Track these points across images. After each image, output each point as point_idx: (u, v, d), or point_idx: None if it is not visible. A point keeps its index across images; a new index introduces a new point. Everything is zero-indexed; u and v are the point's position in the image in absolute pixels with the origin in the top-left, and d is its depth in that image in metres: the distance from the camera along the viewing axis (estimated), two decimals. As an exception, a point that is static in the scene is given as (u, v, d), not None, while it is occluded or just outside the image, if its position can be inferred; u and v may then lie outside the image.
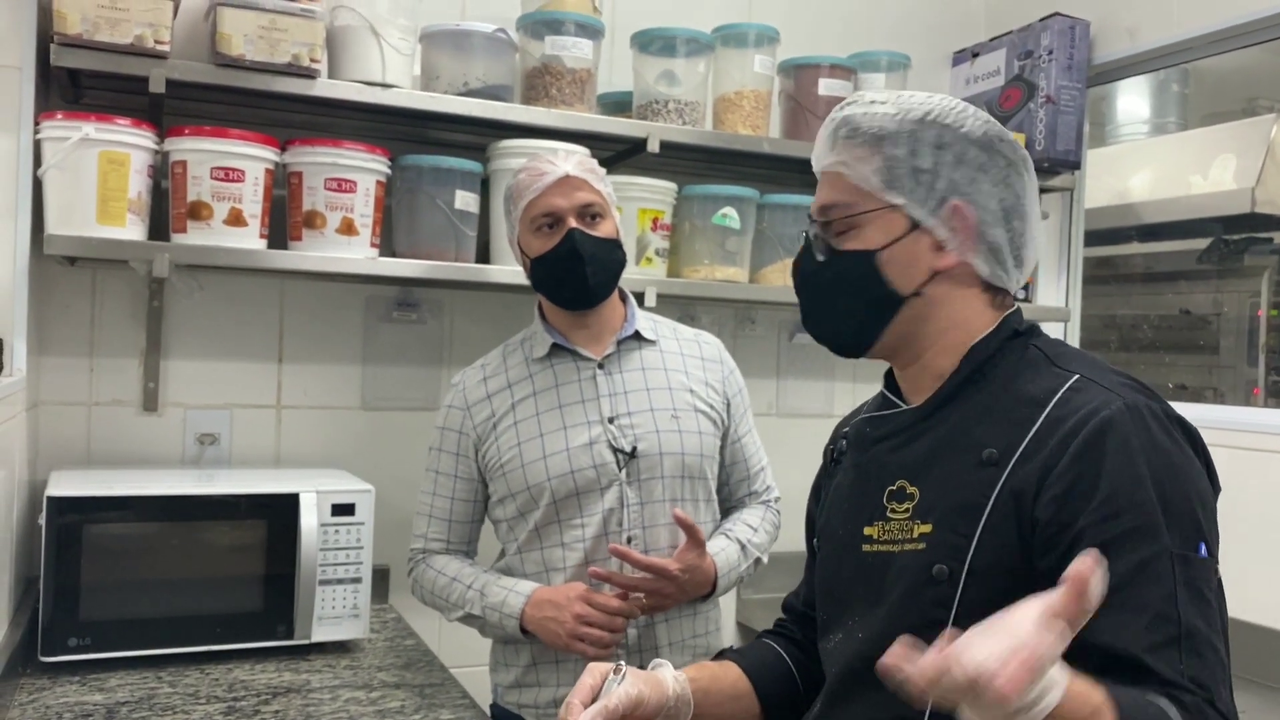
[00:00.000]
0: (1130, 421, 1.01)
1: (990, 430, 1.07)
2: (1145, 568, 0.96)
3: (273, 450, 2.26)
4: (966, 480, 1.06)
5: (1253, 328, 3.39)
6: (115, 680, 1.68)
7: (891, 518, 1.12)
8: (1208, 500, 1.03)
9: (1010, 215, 1.12)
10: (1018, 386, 1.09)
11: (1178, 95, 3.75)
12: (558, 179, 1.68)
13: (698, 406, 1.78)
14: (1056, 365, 1.10)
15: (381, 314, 2.35)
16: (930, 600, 1.05)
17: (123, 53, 1.81)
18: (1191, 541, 0.98)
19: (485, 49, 2.14)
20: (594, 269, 1.68)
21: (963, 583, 1.03)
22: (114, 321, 2.15)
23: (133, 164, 1.86)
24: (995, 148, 1.12)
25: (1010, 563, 1.02)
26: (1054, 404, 1.05)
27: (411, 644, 1.98)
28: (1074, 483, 1.00)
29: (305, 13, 1.90)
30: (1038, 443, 1.03)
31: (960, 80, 2.82)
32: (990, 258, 1.12)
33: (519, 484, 1.72)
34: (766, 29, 2.35)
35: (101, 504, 1.76)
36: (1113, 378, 1.07)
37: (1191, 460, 1.03)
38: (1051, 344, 1.15)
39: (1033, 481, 1.02)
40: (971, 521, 1.04)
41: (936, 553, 1.06)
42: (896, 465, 1.14)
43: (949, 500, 1.07)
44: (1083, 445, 1.00)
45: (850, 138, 1.12)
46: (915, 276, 1.11)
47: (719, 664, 1.30)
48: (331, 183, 1.99)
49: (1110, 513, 0.98)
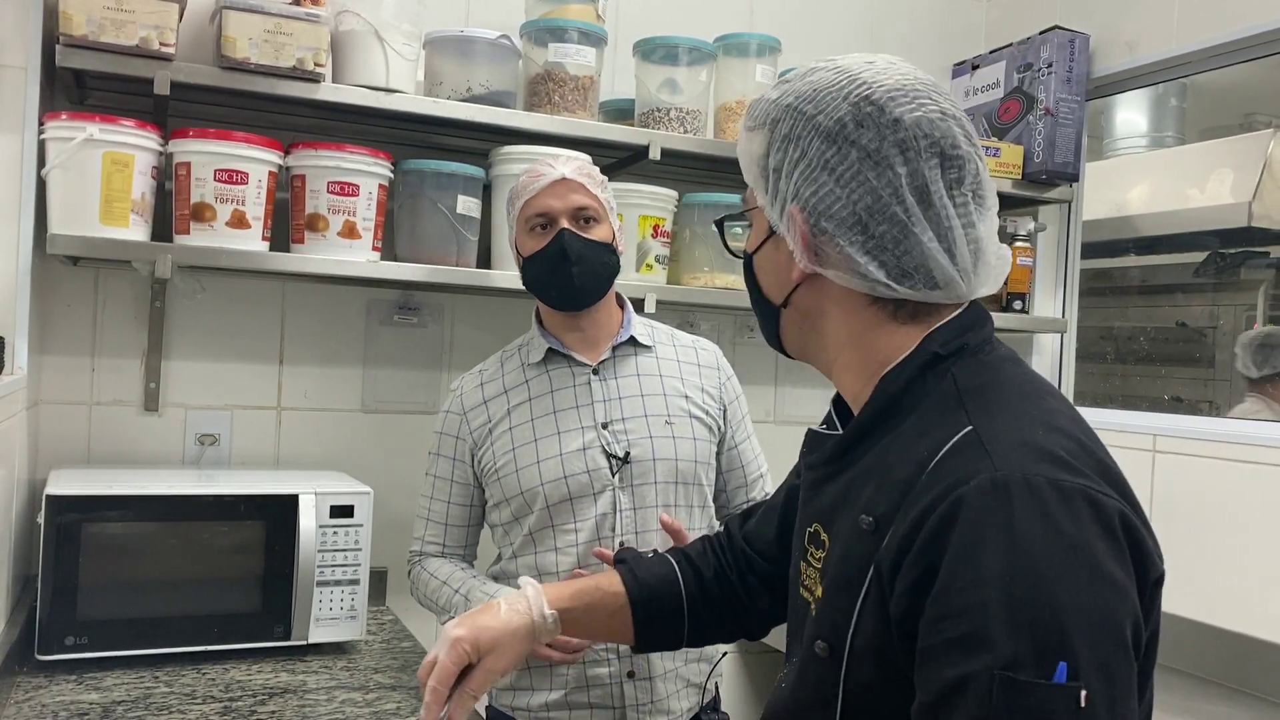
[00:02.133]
0: (988, 501, 0.81)
1: (878, 489, 0.91)
2: (960, 688, 0.78)
3: (272, 451, 2.27)
4: (851, 548, 0.92)
5: (1249, 341, 3.40)
6: (112, 679, 1.68)
7: (810, 562, 1.01)
8: (1095, 605, 0.78)
9: (870, 218, 0.93)
10: (916, 434, 0.91)
11: (1175, 109, 3.76)
12: (554, 181, 1.70)
13: (692, 413, 1.78)
14: (964, 408, 0.90)
15: (382, 317, 2.36)
16: (816, 677, 0.94)
17: (128, 54, 1.82)
18: (1040, 661, 0.76)
19: (489, 55, 2.16)
20: (581, 269, 1.69)
21: (845, 663, 0.91)
22: (116, 322, 2.15)
23: (137, 165, 1.87)
24: (849, 138, 0.93)
25: (886, 648, 0.87)
26: (932, 466, 0.87)
27: (408, 646, 1.98)
28: (920, 577, 0.83)
29: (310, 17, 1.92)
30: (904, 517, 0.86)
31: (960, 92, 2.84)
32: (850, 269, 0.94)
33: (513, 489, 1.73)
34: (768, 39, 2.36)
35: (100, 503, 1.76)
36: (1011, 433, 0.86)
37: (1078, 552, 0.79)
38: (974, 372, 0.94)
39: (889, 567, 0.86)
40: (850, 599, 0.90)
41: (821, 627, 0.94)
42: (816, 505, 1.02)
43: (837, 567, 0.94)
44: (931, 531, 0.83)
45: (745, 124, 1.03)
46: (782, 286, 1.01)
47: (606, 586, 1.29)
48: (334, 186, 2.00)
49: (940, 614, 0.81)
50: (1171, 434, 2.37)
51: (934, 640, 0.81)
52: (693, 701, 1.75)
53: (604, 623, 1.30)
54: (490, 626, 1.19)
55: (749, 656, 2.70)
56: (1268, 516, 2.15)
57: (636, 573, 1.31)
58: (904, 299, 0.95)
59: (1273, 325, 3.26)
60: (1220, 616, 2.16)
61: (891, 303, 0.96)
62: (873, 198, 0.93)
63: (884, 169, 0.93)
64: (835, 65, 0.98)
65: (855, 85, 0.95)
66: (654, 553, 1.39)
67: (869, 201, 0.93)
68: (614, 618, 1.29)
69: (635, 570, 1.32)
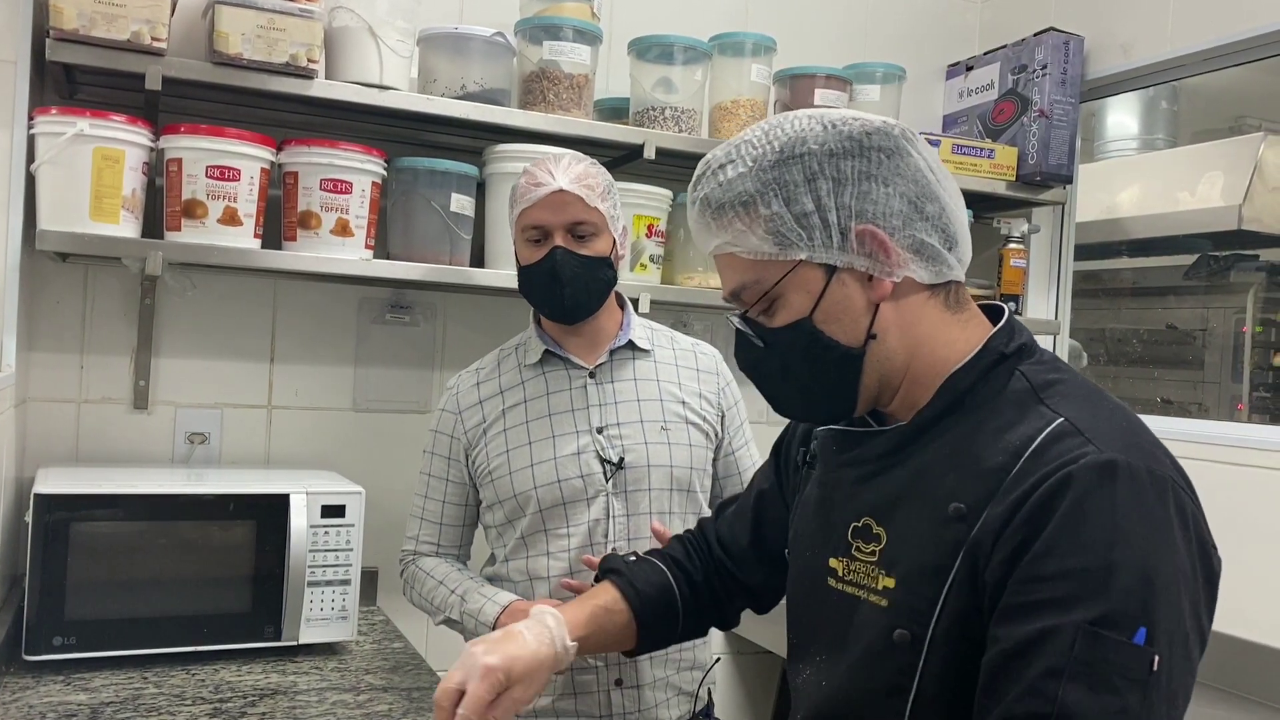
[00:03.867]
0: (1094, 479, 0.89)
1: (961, 480, 0.97)
2: (1043, 638, 0.86)
3: (263, 450, 2.25)
4: (933, 536, 0.97)
5: (1238, 344, 3.42)
6: (100, 680, 1.67)
7: (857, 557, 1.04)
8: (1174, 583, 0.88)
9: (920, 202, 1.01)
10: (997, 427, 0.97)
11: (1167, 112, 3.78)
12: (551, 192, 1.66)
13: (689, 418, 1.77)
14: (1043, 403, 0.97)
15: (375, 316, 2.35)
16: (892, 667, 0.98)
17: (119, 49, 1.81)
18: (1125, 622, 0.85)
19: (483, 53, 2.14)
20: (572, 290, 1.67)
21: (926, 649, 0.96)
22: (105, 319, 2.13)
23: (127, 161, 1.85)
24: (866, 145, 1.01)
25: (974, 630, 0.93)
26: (1029, 454, 0.93)
27: (399, 647, 1.97)
28: (1020, 545, 0.90)
29: (304, 13, 1.90)
30: (1003, 498, 0.92)
31: (954, 93, 2.84)
32: (922, 258, 1.02)
33: (506, 491, 1.72)
34: (763, 39, 2.36)
35: (89, 502, 1.74)
36: (1104, 423, 0.95)
37: (1166, 534, 0.89)
38: (1041, 371, 1.02)
39: (988, 541, 0.92)
40: (936, 585, 0.95)
41: (899, 615, 0.98)
42: (864, 500, 1.05)
43: (914, 557, 0.98)
44: (1036, 504, 0.90)
45: (719, 216, 1.03)
46: (859, 321, 1.02)
47: (608, 606, 1.31)
48: (327, 183, 1.99)
49: (1035, 576, 0.88)
50: (1164, 436, 2.37)
51: (1026, 598, 0.88)
52: (683, 710, 1.74)
53: (609, 640, 1.33)
54: (521, 656, 1.18)
55: (742, 659, 2.69)
56: (1261, 519, 2.15)
57: (636, 585, 1.33)
58: (950, 280, 1.04)
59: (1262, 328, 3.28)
60: (1214, 620, 2.16)
61: (943, 291, 1.04)
62: (913, 183, 1.01)
63: (905, 157, 1.02)
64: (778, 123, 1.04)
65: (822, 120, 1.03)
66: (634, 556, 1.40)
67: (912, 188, 1.01)
68: (618, 634, 1.32)
69: (634, 583, 1.33)
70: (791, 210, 1.00)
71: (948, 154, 2.53)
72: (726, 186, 1.02)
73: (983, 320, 1.07)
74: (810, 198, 1.00)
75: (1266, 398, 3.35)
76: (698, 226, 1.07)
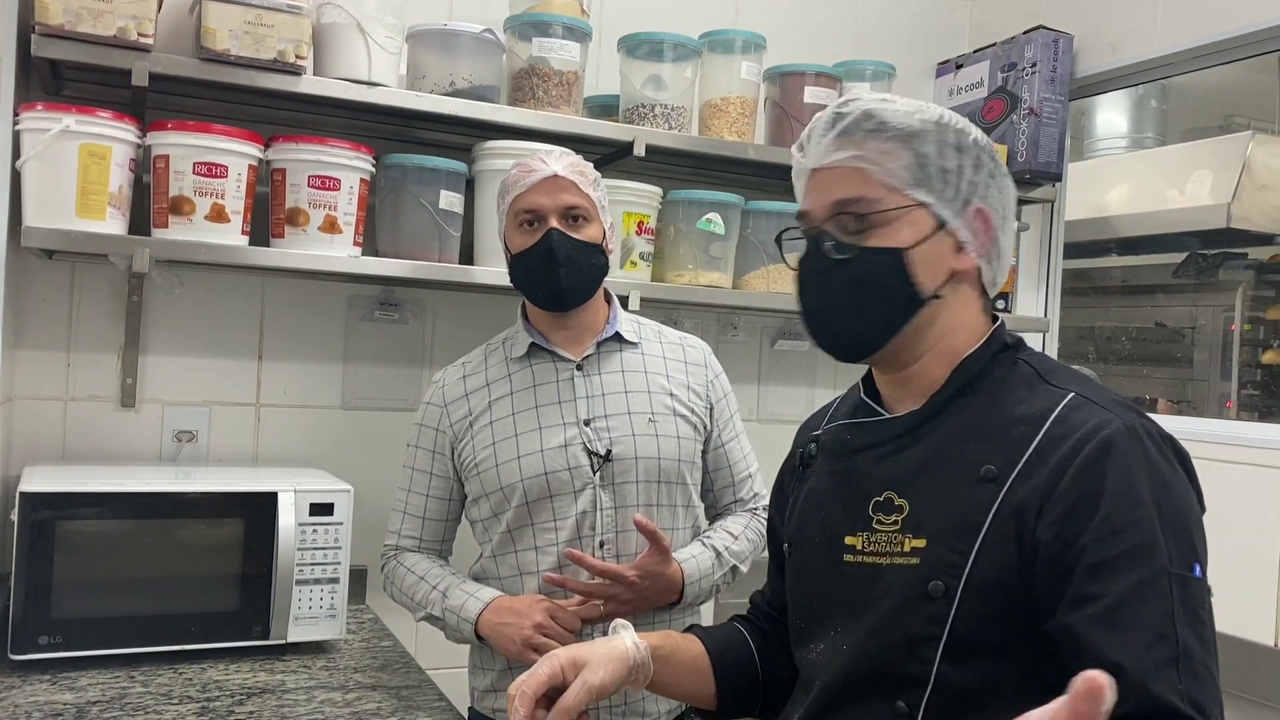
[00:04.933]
0: (1129, 441, 1.01)
1: (985, 447, 1.06)
2: (1144, 587, 0.96)
3: (251, 448, 2.24)
4: (963, 496, 1.05)
5: (1226, 341, 3.43)
6: (86, 679, 1.66)
7: (878, 529, 1.11)
8: (1198, 522, 1.03)
9: (1009, 217, 1.16)
10: (1011, 403, 1.08)
11: (1156, 111, 3.79)
12: (545, 178, 1.68)
13: (677, 410, 1.77)
14: (1050, 382, 1.09)
15: (363, 313, 2.34)
16: (924, 616, 1.04)
17: (105, 45, 1.79)
18: (1187, 562, 0.98)
19: (472, 49, 2.14)
20: (568, 271, 1.67)
21: (958, 599, 1.03)
22: (92, 316, 2.12)
23: (114, 157, 1.84)
24: (993, 157, 1.15)
25: (1007, 581, 1.01)
26: (1051, 422, 1.04)
27: (388, 645, 1.96)
28: (1076, 503, 0.99)
29: (292, 9, 1.89)
30: (1037, 462, 1.02)
31: (944, 91, 2.84)
32: (994, 261, 1.14)
33: (492, 484, 1.71)
34: (753, 36, 2.36)
35: (75, 500, 1.73)
36: (1107, 396, 1.07)
37: (1184, 481, 1.03)
38: (1041, 359, 1.15)
39: (1034, 501, 1.01)
40: (969, 539, 1.03)
41: (933, 569, 1.05)
42: (883, 476, 1.12)
43: (944, 516, 1.06)
44: (1084, 465, 1.00)
45: (877, 131, 1.10)
46: (938, 277, 1.11)
47: (684, 636, 1.30)
48: (315, 180, 1.98)
49: (1111, 531, 0.98)
50: (1152, 433, 2.38)
51: (1107, 554, 0.97)
52: (672, 704, 1.74)
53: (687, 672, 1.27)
54: (587, 647, 1.16)
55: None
56: (1249, 516, 2.16)
57: (711, 632, 1.34)
58: (993, 290, 1.17)
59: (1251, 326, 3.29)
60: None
61: (984, 297, 1.16)
62: (1005, 206, 1.15)
63: (1008, 185, 1.17)
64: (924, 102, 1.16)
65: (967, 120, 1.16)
66: None
67: (1010, 205, 1.16)
68: (696, 668, 1.28)
69: (709, 630, 1.35)
70: (941, 161, 1.10)
71: (937, 152, 2.53)
72: (896, 113, 1.11)
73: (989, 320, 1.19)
74: (955, 160, 1.11)
75: (1255, 395, 3.36)
76: (829, 136, 1.12)
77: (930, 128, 1.11)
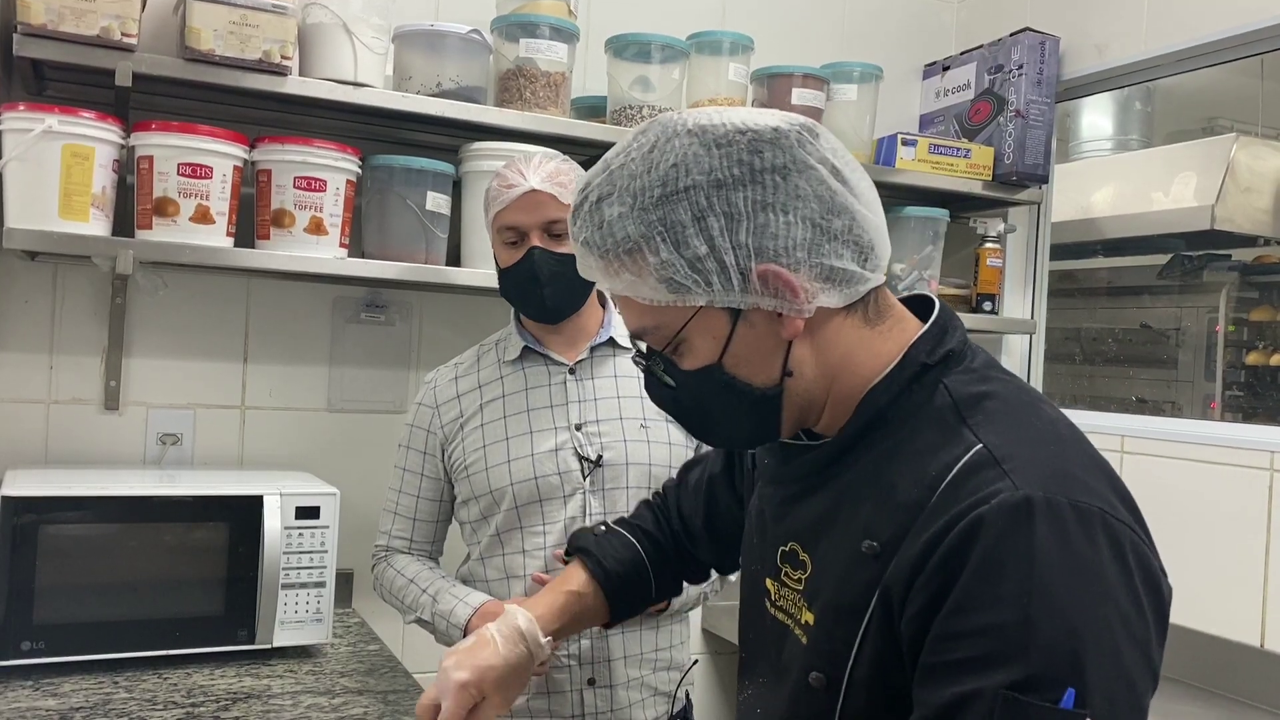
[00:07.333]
0: (1008, 521, 0.80)
1: (876, 513, 0.89)
2: (961, 705, 0.79)
3: (236, 451, 2.23)
4: (849, 574, 0.91)
5: (1210, 343, 3.44)
6: (69, 685, 1.64)
7: (785, 583, 1.00)
8: (1107, 632, 0.79)
9: (826, 221, 0.91)
10: (914, 451, 0.90)
11: (1141, 113, 3.81)
12: (523, 193, 1.65)
13: (669, 417, 1.76)
14: (966, 422, 0.89)
15: (349, 315, 2.33)
16: (810, 710, 0.93)
17: (88, 44, 1.78)
18: (1051, 684, 0.76)
19: (459, 50, 2.13)
20: (553, 290, 1.66)
21: (843, 693, 0.90)
22: (75, 318, 2.10)
23: (97, 158, 1.82)
24: (757, 169, 0.90)
25: (890, 676, 0.87)
26: (944, 486, 0.85)
27: (375, 649, 1.95)
28: (935, 595, 0.82)
29: (277, 9, 1.88)
30: (915, 538, 0.85)
31: (930, 92, 2.84)
32: (834, 284, 0.92)
33: (482, 487, 1.71)
34: (741, 37, 2.35)
35: (59, 504, 1.72)
36: (1027, 449, 0.86)
37: (1095, 577, 0.80)
38: (967, 382, 0.93)
39: (900, 590, 0.85)
40: (851, 627, 0.89)
41: (815, 657, 0.93)
42: (791, 522, 1.00)
43: (831, 594, 0.93)
44: (948, 550, 0.82)
45: (605, 261, 0.93)
46: (772, 361, 0.93)
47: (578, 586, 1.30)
48: (301, 181, 1.97)
49: (949, 634, 0.81)
50: (1139, 435, 2.39)
51: (944, 658, 0.81)
52: (659, 711, 1.73)
53: (583, 623, 1.33)
54: (494, 666, 1.17)
55: (721, 660, 2.69)
56: (1234, 517, 2.17)
57: (605, 565, 1.32)
58: (868, 294, 0.95)
59: (1236, 327, 3.30)
60: (1187, 617, 2.18)
61: (861, 307, 0.95)
62: (815, 201, 0.91)
63: (803, 171, 0.91)
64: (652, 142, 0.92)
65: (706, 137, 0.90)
66: (604, 526, 1.39)
67: (815, 207, 0.91)
68: (591, 615, 1.32)
69: (603, 562, 1.32)
70: (683, 255, 0.89)
71: (925, 153, 2.53)
72: (607, 230, 0.91)
73: (909, 324, 0.97)
74: (702, 239, 0.89)
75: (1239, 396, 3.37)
76: (584, 268, 0.96)
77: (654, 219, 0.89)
